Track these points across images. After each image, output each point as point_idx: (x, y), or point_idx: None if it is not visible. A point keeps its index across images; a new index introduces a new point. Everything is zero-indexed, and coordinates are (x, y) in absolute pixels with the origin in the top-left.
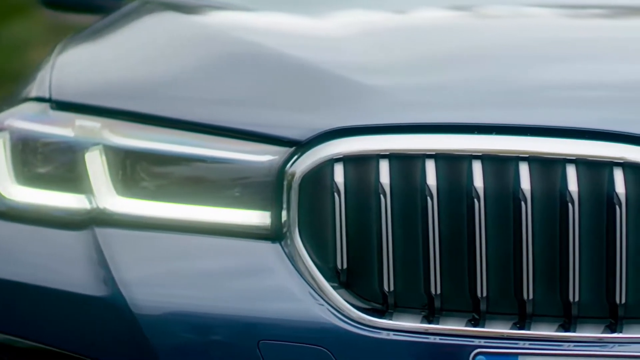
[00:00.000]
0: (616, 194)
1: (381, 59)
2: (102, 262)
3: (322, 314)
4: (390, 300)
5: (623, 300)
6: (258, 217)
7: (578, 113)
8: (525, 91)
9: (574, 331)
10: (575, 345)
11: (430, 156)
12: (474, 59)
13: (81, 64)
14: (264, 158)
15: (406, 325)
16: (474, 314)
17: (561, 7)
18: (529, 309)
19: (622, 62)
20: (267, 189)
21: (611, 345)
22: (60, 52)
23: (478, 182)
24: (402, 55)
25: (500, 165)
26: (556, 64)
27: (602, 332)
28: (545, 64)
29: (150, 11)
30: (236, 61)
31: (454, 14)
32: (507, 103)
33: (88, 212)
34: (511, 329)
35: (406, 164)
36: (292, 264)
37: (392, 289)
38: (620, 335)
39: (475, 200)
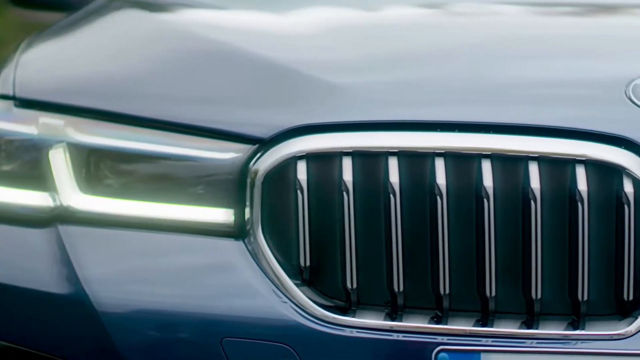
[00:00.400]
0: (578, 191)
1: (347, 56)
2: (65, 260)
3: (285, 312)
4: (353, 298)
5: (585, 298)
6: (222, 215)
7: (541, 110)
8: (490, 89)
9: (537, 328)
10: (538, 343)
11: (393, 154)
12: (439, 56)
13: (45, 61)
14: (228, 156)
15: (369, 322)
16: (437, 311)
17: (529, 4)
18: (491, 306)
19: (585, 59)
20: (230, 186)
21: (574, 342)
22: (25, 49)
23: (441, 179)
24: (368, 53)
25: (463, 163)
26: (520, 61)
27: (565, 329)
28: (510, 61)
29: (116, 9)
30: (201, 59)
31: (423, 12)
32: (470, 101)
33: (52, 210)
34: (474, 326)
35: (370, 162)
36: (256, 262)
37: (355, 286)
38: (583, 332)
39: (438, 197)
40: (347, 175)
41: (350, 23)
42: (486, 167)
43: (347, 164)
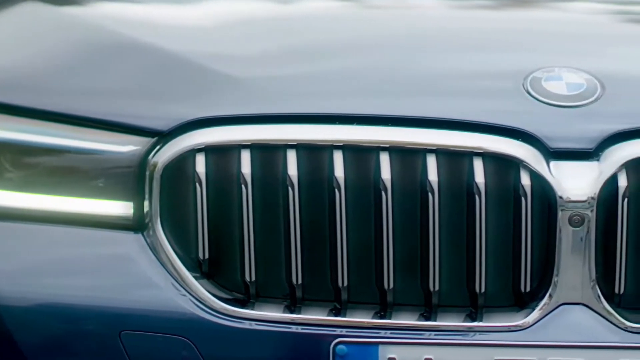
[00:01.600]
0: (476, 183)
1: (249, 49)
2: None
3: (184, 305)
4: (252, 291)
5: (483, 290)
6: (121, 208)
7: (440, 103)
8: (391, 82)
9: (435, 320)
10: (436, 334)
11: (292, 146)
12: (342, 50)
13: None
14: (127, 148)
15: (268, 315)
16: (335, 303)
17: None
18: (390, 298)
19: (486, 52)
20: (130, 179)
21: (472, 334)
22: None
23: (339, 172)
24: (271, 46)
25: (361, 155)
26: (422, 55)
27: (463, 321)
28: (411, 55)
29: (17, 1)
30: (99, 51)
31: (333, 5)
32: (371, 93)
33: None
34: (372, 318)
35: (268, 155)
36: (155, 255)
37: (253, 279)
38: (481, 324)
39: (336, 190)
40: (246, 168)
41: (256, 16)
42: (384, 159)
43: (245, 157)
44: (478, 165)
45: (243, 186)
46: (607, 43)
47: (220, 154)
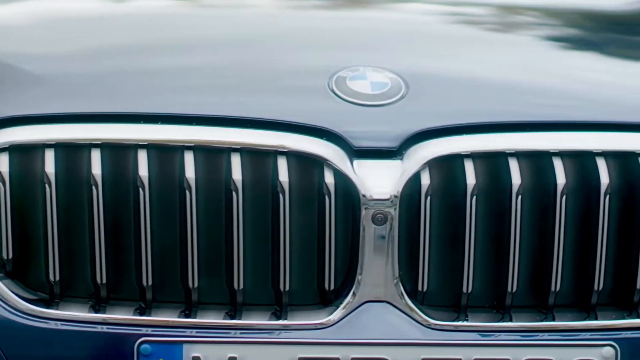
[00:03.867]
0: (280, 182)
1: (55, 48)
2: None
3: None
4: (56, 290)
5: (287, 288)
6: None
7: (245, 101)
8: (197, 80)
9: (240, 319)
10: (241, 333)
11: (96, 145)
12: (152, 49)
13: None
14: None
15: (72, 314)
16: (141, 302)
17: None
18: (194, 297)
19: (294, 51)
20: None
21: (277, 332)
22: None
23: (143, 171)
24: (78, 45)
25: (167, 155)
26: (229, 53)
27: (268, 320)
28: (221, 53)
29: None
30: None
31: (152, 4)
32: (178, 92)
33: None
34: (178, 317)
35: (72, 153)
36: None
37: (57, 278)
38: (285, 322)
39: (140, 189)
40: (49, 167)
41: (70, 15)
42: (189, 158)
43: (49, 156)
44: (282, 164)
45: (47, 185)
46: (415, 43)
47: (25, 153)
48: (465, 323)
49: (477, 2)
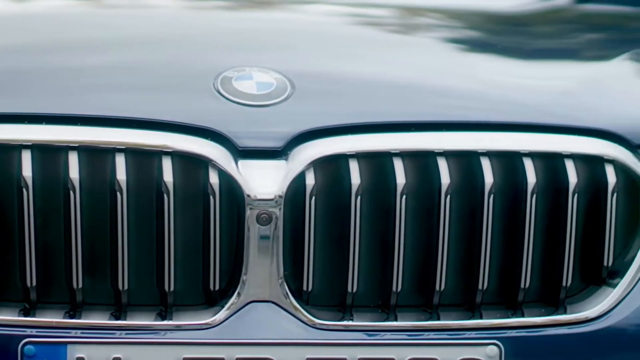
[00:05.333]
0: (164, 182)
1: None
2: None
3: None
4: None
5: (172, 288)
6: None
7: (131, 102)
8: (81, 80)
9: (125, 319)
10: (126, 333)
11: None
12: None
13: None
14: None
15: None
16: (25, 304)
17: None
18: (79, 297)
19: (182, 51)
20: None
21: (162, 332)
22: None
23: (26, 171)
24: None
25: (51, 156)
26: (118, 53)
27: (154, 320)
28: (110, 53)
29: None
30: None
31: (55, 4)
32: (62, 92)
33: None
34: (63, 318)
35: None
36: None
37: None
38: (170, 322)
39: (24, 189)
40: None
41: None
42: (73, 159)
43: None
44: (167, 164)
45: None
46: (304, 43)
47: None
48: (350, 322)
49: (376, 4)
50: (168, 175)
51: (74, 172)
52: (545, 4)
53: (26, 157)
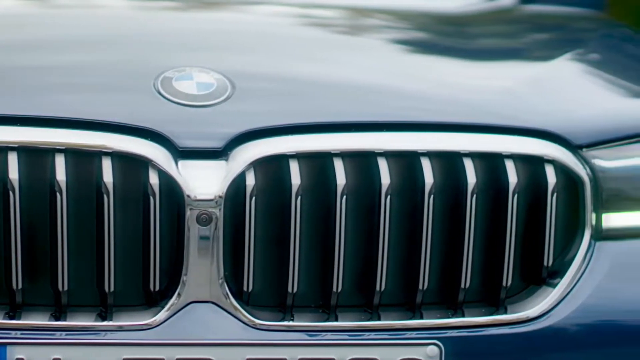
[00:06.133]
0: (104, 182)
1: None
2: None
3: None
4: None
5: (112, 289)
6: None
7: (71, 103)
8: (23, 80)
9: (65, 320)
10: (67, 334)
11: None
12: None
13: None
14: None
15: None
16: None
17: None
18: (18, 298)
19: (124, 51)
20: None
21: (103, 333)
22: None
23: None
24: None
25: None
26: (60, 54)
27: (94, 321)
28: (52, 54)
29: None
30: None
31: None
32: (3, 92)
33: None
34: (3, 319)
35: None
36: None
37: None
38: (110, 323)
39: None
40: None
41: None
42: (12, 160)
43: None
44: (107, 164)
45: None
46: (246, 44)
47: None
48: (290, 323)
49: (322, 5)
50: (108, 176)
51: (13, 173)
52: (490, 5)
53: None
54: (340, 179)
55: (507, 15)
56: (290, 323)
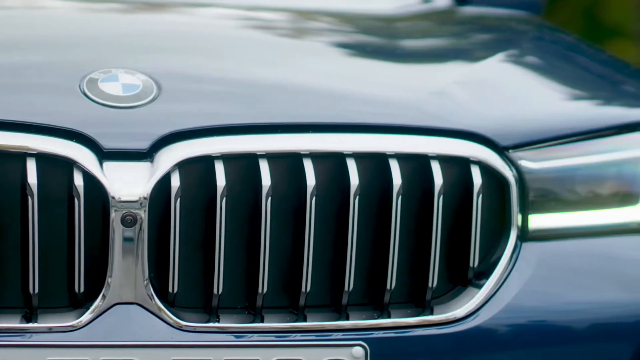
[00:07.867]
0: (28, 184)
1: None
2: None
3: None
4: None
5: (37, 290)
6: None
7: None
8: None
9: None
10: None
11: None
12: None
13: None
14: None
15: None
16: None
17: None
18: None
19: (51, 52)
20: None
21: (28, 334)
22: None
23: None
24: None
25: None
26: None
27: (18, 322)
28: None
29: None
30: None
31: None
32: None
33: None
34: None
35: None
36: None
37: None
38: (35, 324)
39: None
40: None
41: None
42: None
43: None
44: (31, 166)
45: None
46: (172, 45)
47: None
48: (216, 324)
49: (262, 7)
50: (32, 177)
51: None
52: (425, 7)
53: None
54: (266, 180)
55: (442, 17)
56: (216, 324)
